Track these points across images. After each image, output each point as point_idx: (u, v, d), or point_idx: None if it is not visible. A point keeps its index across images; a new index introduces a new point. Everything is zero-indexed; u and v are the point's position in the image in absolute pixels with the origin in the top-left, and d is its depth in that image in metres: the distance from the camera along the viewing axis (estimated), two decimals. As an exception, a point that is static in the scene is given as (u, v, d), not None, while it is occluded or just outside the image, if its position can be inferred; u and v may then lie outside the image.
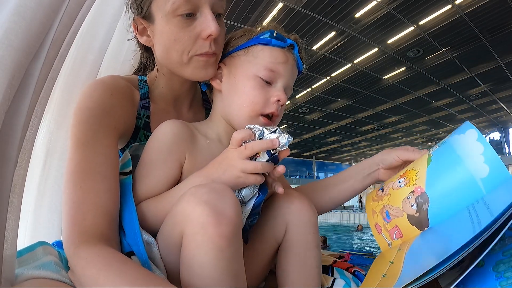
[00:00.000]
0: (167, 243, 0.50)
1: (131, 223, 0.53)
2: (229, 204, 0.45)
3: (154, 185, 0.57)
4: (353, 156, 24.77)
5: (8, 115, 0.39)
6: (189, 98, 0.75)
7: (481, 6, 6.53)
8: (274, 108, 0.61)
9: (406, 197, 0.57)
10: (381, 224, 0.61)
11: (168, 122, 0.59)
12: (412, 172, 0.60)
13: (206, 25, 0.58)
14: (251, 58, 0.62)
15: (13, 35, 0.38)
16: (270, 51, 0.62)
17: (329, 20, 7.08)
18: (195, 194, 0.46)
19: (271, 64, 0.61)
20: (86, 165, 0.52)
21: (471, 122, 0.57)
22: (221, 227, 0.43)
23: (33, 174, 0.74)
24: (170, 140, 0.58)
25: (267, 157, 0.53)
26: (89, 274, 0.44)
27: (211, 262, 0.43)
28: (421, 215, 0.54)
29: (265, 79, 0.60)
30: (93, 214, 0.50)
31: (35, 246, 0.52)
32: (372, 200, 0.66)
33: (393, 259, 0.51)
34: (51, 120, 0.75)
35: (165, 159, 0.57)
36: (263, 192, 0.56)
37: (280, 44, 0.62)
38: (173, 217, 0.49)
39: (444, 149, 0.58)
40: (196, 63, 0.61)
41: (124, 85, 0.64)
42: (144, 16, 0.60)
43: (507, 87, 10.64)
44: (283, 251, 0.62)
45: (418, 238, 0.53)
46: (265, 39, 0.62)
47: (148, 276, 0.44)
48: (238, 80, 0.62)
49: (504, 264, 0.44)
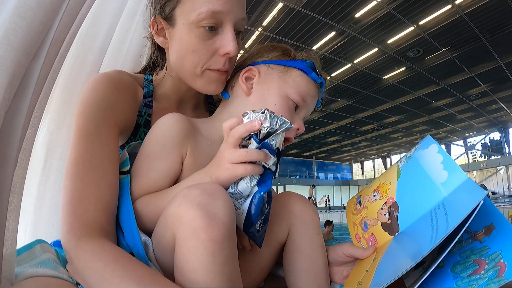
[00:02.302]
0: (161, 245, 0.50)
1: (129, 223, 0.52)
2: (221, 207, 0.44)
3: (154, 179, 0.56)
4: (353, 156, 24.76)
5: (8, 115, 0.39)
6: (194, 101, 0.75)
7: (481, 6, 6.53)
8: (292, 135, 0.62)
9: (380, 208, 0.63)
10: (360, 234, 0.65)
11: (170, 115, 0.58)
12: (384, 186, 0.66)
13: (226, 43, 0.58)
14: (289, 79, 0.63)
15: (13, 35, 0.38)
16: (307, 81, 0.63)
17: (329, 20, 7.08)
18: (187, 197, 0.45)
19: (304, 93, 0.63)
20: (87, 158, 0.52)
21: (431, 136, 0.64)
22: (213, 232, 0.42)
23: (34, 174, 0.74)
24: (174, 132, 0.56)
25: (255, 144, 0.49)
26: (94, 268, 0.44)
27: (203, 267, 0.42)
28: (392, 221, 0.59)
29: (296, 102, 0.62)
30: (94, 208, 0.49)
31: (33, 245, 0.52)
32: (352, 214, 0.70)
33: (368, 267, 0.55)
34: (51, 120, 0.75)
35: (168, 152, 0.56)
36: (263, 187, 0.51)
37: (315, 79, 0.64)
38: (165, 219, 0.48)
39: (411, 163, 0.64)
40: (208, 77, 0.62)
41: (129, 80, 0.64)
42: (166, 18, 0.60)
43: (507, 87, 10.64)
44: (290, 253, 0.63)
45: (391, 245, 0.57)
46: (306, 68, 0.63)
47: (153, 274, 0.44)
48: (271, 94, 0.62)
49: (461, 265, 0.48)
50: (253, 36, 7.75)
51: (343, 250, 0.65)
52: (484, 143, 18.55)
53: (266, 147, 0.50)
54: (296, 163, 23.81)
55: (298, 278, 0.61)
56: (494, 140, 17.98)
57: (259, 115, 0.49)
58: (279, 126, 0.49)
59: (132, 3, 0.82)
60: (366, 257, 0.61)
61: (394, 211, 0.60)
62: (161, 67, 0.70)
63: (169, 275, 0.47)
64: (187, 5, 0.57)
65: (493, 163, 17.20)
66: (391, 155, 23.57)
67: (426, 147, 0.63)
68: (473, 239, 0.51)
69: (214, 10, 0.56)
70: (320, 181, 24.03)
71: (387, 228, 0.60)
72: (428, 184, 0.57)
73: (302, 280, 0.60)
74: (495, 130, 17.29)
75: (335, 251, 0.66)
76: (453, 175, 0.54)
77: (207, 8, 0.55)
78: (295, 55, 0.65)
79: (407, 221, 0.57)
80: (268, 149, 0.50)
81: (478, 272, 0.45)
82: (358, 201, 0.70)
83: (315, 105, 0.68)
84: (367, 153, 23.39)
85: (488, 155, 18.14)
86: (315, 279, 0.60)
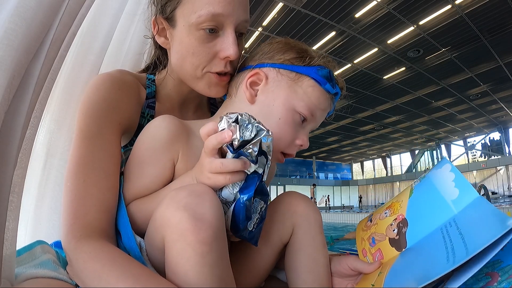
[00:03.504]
0: (152, 247, 0.50)
1: (124, 226, 0.52)
2: (208, 208, 0.43)
3: (145, 185, 0.55)
4: (353, 156, 24.78)
5: (8, 115, 0.39)
6: (196, 102, 0.74)
7: (481, 6, 6.54)
8: (294, 151, 0.60)
9: (390, 224, 0.63)
10: (367, 249, 0.65)
11: (161, 118, 0.55)
12: (396, 204, 0.66)
13: (226, 46, 0.57)
14: (299, 89, 0.57)
15: (13, 35, 0.38)
16: (319, 93, 0.58)
17: (329, 20, 7.09)
18: (174, 199, 0.44)
19: (314, 106, 0.58)
20: (89, 159, 0.51)
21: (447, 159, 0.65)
22: (200, 233, 0.41)
23: (34, 175, 0.74)
24: (165, 137, 0.53)
25: (230, 154, 0.47)
26: (92, 268, 0.44)
27: (193, 269, 0.41)
28: (400, 237, 0.59)
29: (303, 116, 0.58)
30: (95, 209, 0.49)
31: (34, 245, 0.52)
32: (362, 230, 0.70)
33: (374, 281, 0.54)
34: (52, 120, 0.74)
35: (158, 158, 0.54)
36: (245, 193, 0.47)
37: (329, 90, 0.59)
38: (154, 221, 0.47)
39: (424, 182, 0.64)
40: (209, 79, 0.61)
41: (131, 80, 0.63)
42: (167, 18, 0.59)
43: (507, 87, 10.64)
44: (293, 252, 0.62)
45: (398, 260, 0.56)
46: (321, 78, 0.58)
47: (151, 274, 0.44)
48: (276, 105, 0.57)
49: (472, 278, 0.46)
50: (253, 36, 7.76)
51: (348, 263, 0.63)
52: (484, 143, 18.56)
53: (243, 155, 0.46)
54: (296, 163, 23.81)
55: (300, 277, 0.61)
56: (494, 140, 17.99)
57: (231, 124, 0.45)
58: (254, 135, 0.45)
59: (132, 3, 0.82)
60: (371, 272, 0.59)
61: (403, 227, 0.60)
62: (163, 66, 0.69)
63: (163, 277, 0.47)
64: (187, 6, 0.55)
65: (493, 163, 17.21)
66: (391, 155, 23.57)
67: (440, 167, 0.63)
68: None
69: (215, 12, 0.54)
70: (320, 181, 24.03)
71: (395, 243, 0.59)
72: (438, 201, 0.57)
73: (303, 279, 0.60)
74: (495, 130, 17.30)
75: (340, 263, 0.64)
76: (464, 193, 0.54)
77: (207, 10, 0.54)
78: (311, 59, 0.59)
79: (415, 237, 0.57)
80: (246, 157, 0.46)
81: (490, 284, 0.44)
82: (369, 219, 0.71)
83: (324, 117, 0.63)
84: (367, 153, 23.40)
85: (488, 155, 18.14)
86: (316, 278, 0.60)
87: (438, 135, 17.81)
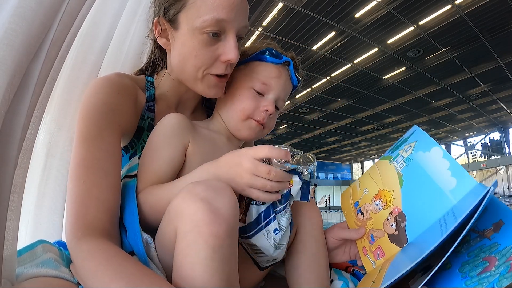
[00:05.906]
0: (163, 241, 0.50)
1: (132, 223, 0.53)
2: (225, 203, 0.44)
3: (158, 167, 0.58)
4: (353, 156, 24.76)
5: (8, 115, 0.39)
6: (193, 103, 0.76)
7: (481, 6, 6.53)
8: (262, 116, 0.65)
9: (386, 218, 0.62)
10: (367, 247, 0.65)
11: (171, 114, 0.62)
12: (386, 194, 0.64)
13: (228, 50, 0.60)
14: (249, 72, 0.68)
15: (13, 35, 0.38)
16: (265, 66, 0.67)
17: (329, 20, 7.08)
18: (191, 191, 0.45)
19: (265, 78, 0.66)
20: (90, 160, 0.53)
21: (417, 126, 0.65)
22: (215, 226, 0.41)
23: (34, 175, 0.74)
24: (176, 125, 0.60)
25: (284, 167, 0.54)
26: (88, 266, 0.44)
27: (202, 262, 0.41)
28: (400, 232, 0.58)
29: (258, 90, 0.66)
30: (95, 209, 0.50)
31: (35, 245, 0.53)
32: (356, 226, 0.69)
33: (375, 278, 0.54)
34: (52, 121, 0.75)
35: (171, 142, 0.59)
36: None
37: (275, 61, 0.67)
38: (168, 213, 0.48)
39: (412, 167, 0.63)
40: (208, 81, 0.64)
41: (130, 84, 0.65)
42: (169, 20, 0.60)
43: (507, 87, 10.64)
44: (296, 252, 0.64)
45: (397, 255, 0.56)
46: (262, 56, 0.68)
47: (146, 273, 0.43)
48: (236, 89, 0.67)
49: (469, 265, 0.47)
50: (253, 36, 7.75)
51: (332, 235, 0.66)
52: (484, 143, 18.54)
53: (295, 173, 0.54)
54: (296, 163, 23.73)
55: (301, 277, 0.62)
56: (494, 140, 17.97)
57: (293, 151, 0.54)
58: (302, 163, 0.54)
59: (133, 3, 0.82)
60: (358, 238, 0.64)
61: (401, 221, 0.58)
62: (162, 67, 0.70)
63: (170, 274, 0.47)
64: (192, 10, 0.57)
65: (493, 163, 17.20)
66: (391, 155, 23.47)
67: (428, 149, 0.61)
68: (481, 237, 0.50)
69: (219, 18, 0.57)
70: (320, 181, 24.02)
71: (395, 239, 0.58)
72: (436, 192, 0.56)
73: (305, 279, 0.61)
74: (495, 130, 17.29)
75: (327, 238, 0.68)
76: (462, 182, 0.53)
77: (211, 15, 0.56)
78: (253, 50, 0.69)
79: (416, 232, 0.55)
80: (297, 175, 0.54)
81: (488, 269, 0.44)
82: (358, 210, 0.69)
83: (286, 84, 0.69)
84: (367, 153, 23.39)
85: (488, 155, 18.14)
86: (317, 278, 0.62)
87: (438, 135, 17.79)
